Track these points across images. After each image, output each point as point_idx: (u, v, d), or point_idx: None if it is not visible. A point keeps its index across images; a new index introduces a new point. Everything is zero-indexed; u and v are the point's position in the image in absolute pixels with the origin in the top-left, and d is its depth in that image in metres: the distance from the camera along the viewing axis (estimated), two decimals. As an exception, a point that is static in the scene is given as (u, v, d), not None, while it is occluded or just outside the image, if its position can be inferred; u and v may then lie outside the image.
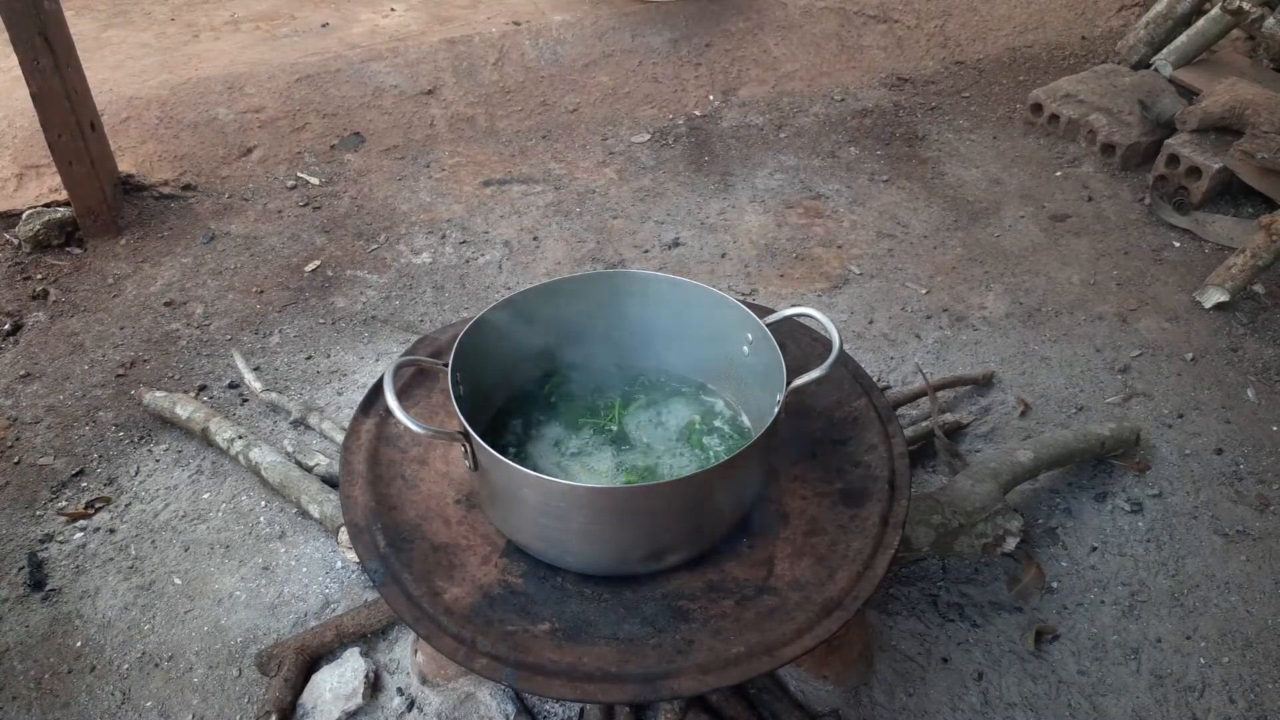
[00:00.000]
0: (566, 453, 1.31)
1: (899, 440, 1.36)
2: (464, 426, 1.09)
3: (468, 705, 1.39)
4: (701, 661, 1.07)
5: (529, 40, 3.59)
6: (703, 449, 1.33)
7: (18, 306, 2.27)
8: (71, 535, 1.72)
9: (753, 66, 3.50)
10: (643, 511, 1.13)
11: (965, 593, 1.61)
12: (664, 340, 1.41)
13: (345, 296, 2.34)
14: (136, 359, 2.14)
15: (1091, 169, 2.90)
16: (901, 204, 2.73)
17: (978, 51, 3.63)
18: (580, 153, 2.99)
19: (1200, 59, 3.23)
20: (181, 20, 3.82)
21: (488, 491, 1.21)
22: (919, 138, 3.08)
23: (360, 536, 1.21)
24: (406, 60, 3.45)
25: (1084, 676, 1.50)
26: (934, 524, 1.54)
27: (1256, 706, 1.47)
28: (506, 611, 1.14)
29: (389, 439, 1.36)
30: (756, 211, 2.69)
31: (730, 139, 3.07)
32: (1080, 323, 2.28)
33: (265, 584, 1.62)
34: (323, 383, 2.07)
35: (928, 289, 2.38)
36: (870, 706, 1.43)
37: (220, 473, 1.83)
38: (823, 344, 1.39)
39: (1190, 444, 1.93)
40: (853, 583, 1.16)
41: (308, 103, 3.20)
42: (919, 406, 1.93)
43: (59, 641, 1.53)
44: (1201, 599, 1.63)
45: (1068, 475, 1.85)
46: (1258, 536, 1.74)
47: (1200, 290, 2.35)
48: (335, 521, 1.60)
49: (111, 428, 1.94)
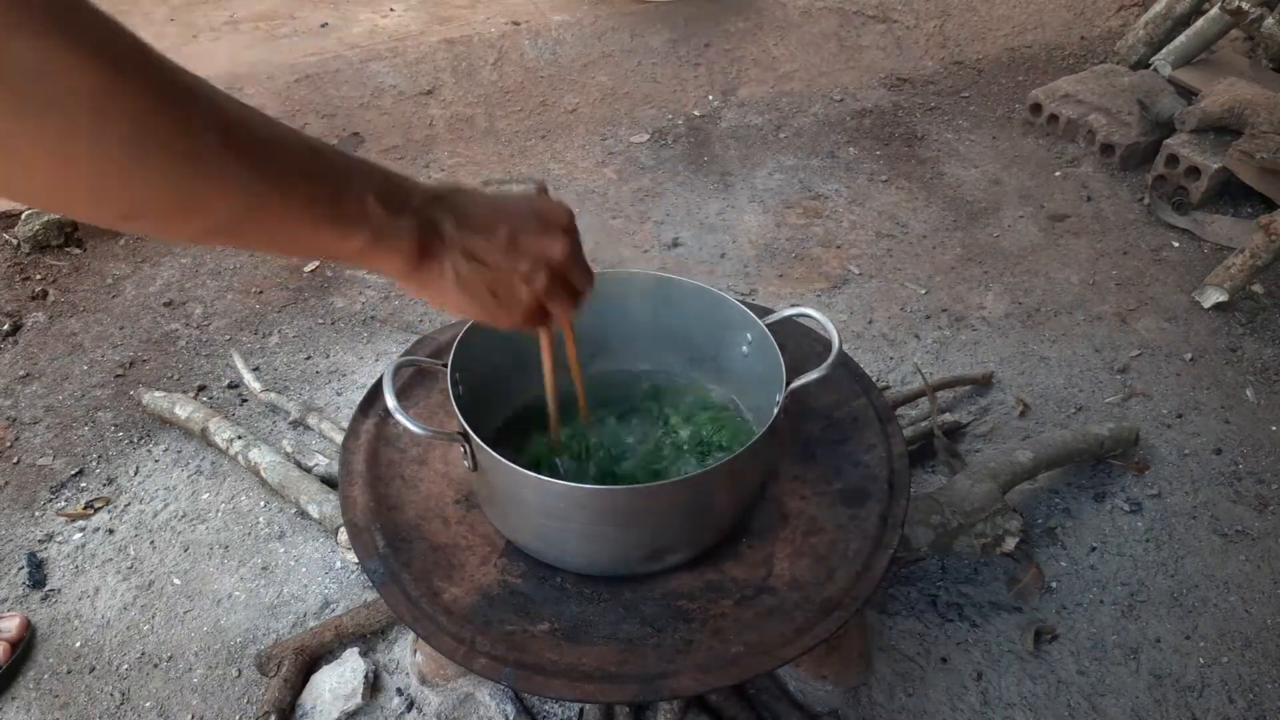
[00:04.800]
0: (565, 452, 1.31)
1: (898, 440, 1.36)
2: (463, 427, 1.09)
3: (467, 705, 1.39)
4: (701, 661, 1.07)
5: (528, 40, 3.60)
6: (702, 449, 1.33)
7: (17, 307, 2.27)
8: (71, 535, 1.72)
9: (752, 66, 3.51)
10: (642, 512, 1.13)
11: (964, 593, 1.61)
12: (663, 340, 1.41)
13: (344, 297, 2.34)
14: (136, 359, 2.14)
15: (1091, 169, 2.90)
16: (901, 204, 2.73)
17: (977, 51, 3.63)
18: (579, 153, 2.99)
19: (1199, 59, 3.23)
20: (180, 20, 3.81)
21: (487, 492, 1.21)
22: (918, 138, 3.08)
23: (359, 536, 1.21)
24: (406, 60, 3.45)
25: (1083, 676, 1.50)
26: (933, 524, 1.54)
27: (1256, 706, 1.47)
28: (506, 611, 1.14)
29: (388, 439, 1.36)
30: (756, 211, 2.69)
31: (729, 139, 3.07)
32: (1079, 323, 2.28)
33: (265, 584, 1.62)
34: (322, 383, 2.07)
35: (927, 289, 2.39)
36: (869, 706, 1.43)
37: (219, 473, 1.83)
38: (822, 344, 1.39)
39: (1189, 444, 1.93)
40: (852, 583, 1.16)
41: (307, 103, 3.20)
42: (918, 406, 1.93)
43: (58, 641, 1.53)
44: (1201, 599, 1.63)
45: (1067, 475, 1.85)
46: (1257, 536, 1.74)
47: (1199, 290, 2.35)
48: (335, 522, 1.60)
49: (111, 428, 1.94)
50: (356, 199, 0.65)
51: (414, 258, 0.72)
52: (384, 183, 0.68)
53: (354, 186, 0.65)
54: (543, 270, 0.80)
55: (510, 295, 0.80)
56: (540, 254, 0.79)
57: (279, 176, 0.59)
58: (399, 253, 0.71)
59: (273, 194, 0.59)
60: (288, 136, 0.61)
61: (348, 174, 0.65)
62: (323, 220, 0.63)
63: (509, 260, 0.77)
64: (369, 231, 0.67)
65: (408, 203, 0.71)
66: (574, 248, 0.82)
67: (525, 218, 0.79)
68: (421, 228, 0.71)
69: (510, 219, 0.78)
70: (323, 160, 0.63)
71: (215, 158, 0.55)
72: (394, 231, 0.69)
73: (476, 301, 0.78)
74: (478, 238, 0.76)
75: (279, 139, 0.60)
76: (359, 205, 0.66)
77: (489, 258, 0.76)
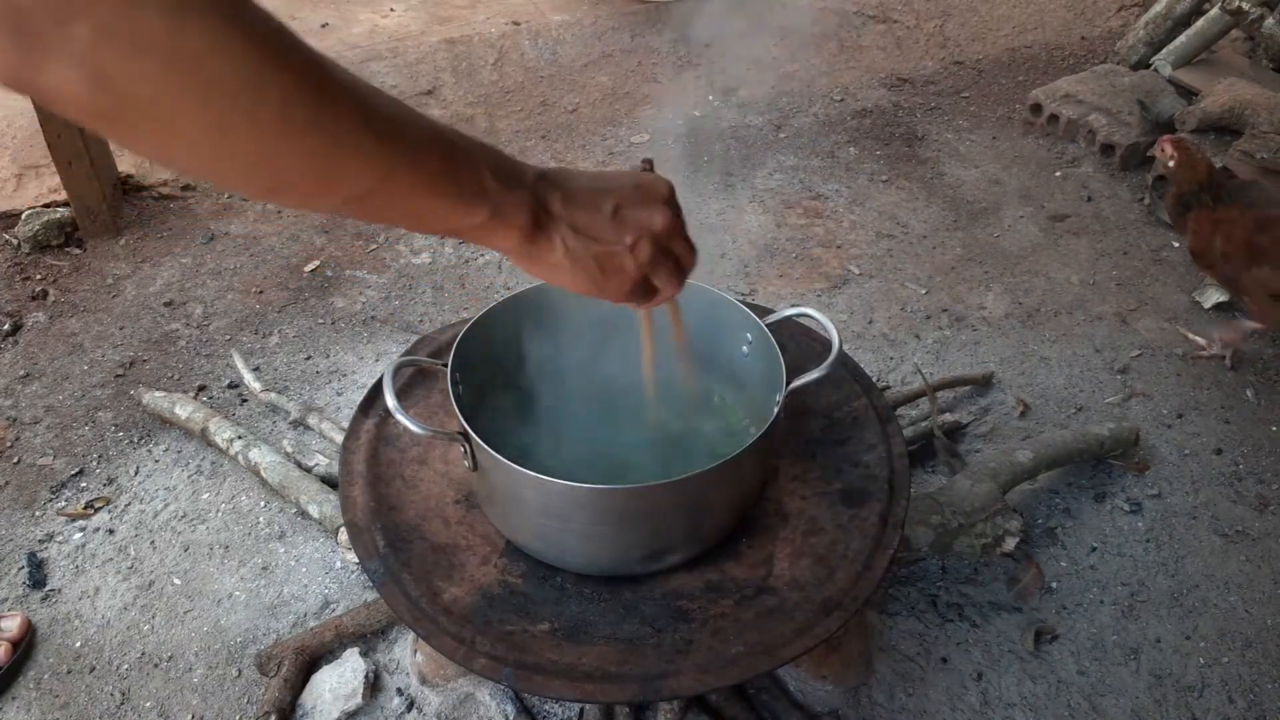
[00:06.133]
0: (565, 453, 1.31)
1: (898, 440, 1.36)
2: (463, 427, 1.09)
3: (467, 705, 1.39)
4: (701, 661, 1.07)
5: (528, 40, 3.60)
6: (702, 449, 1.33)
7: (17, 307, 2.27)
8: (71, 535, 1.72)
9: (752, 66, 3.50)
10: (643, 511, 1.13)
11: (965, 593, 1.61)
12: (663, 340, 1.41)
13: (345, 297, 2.34)
14: (136, 359, 2.14)
15: (1091, 169, 2.90)
16: (901, 204, 2.73)
17: (977, 52, 3.63)
18: (580, 153, 2.99)
19: (1200, 59, 3.23)
20: (181, 20, 3.81)
21: (487, 491, 1.21)
22: (918, 138, 3.08)
23: (360, 536, 1.21)
24: (406, 60, 3.45)
25: (1083, 676, 1.50)
26: (933, 524, 1.54)
27: (1256, 706, 1.47)
28: (506, 611, 1.14)
29: (388, 439, 1.36)
30: (756, 211, 2.69)
31: (729, 139, 3.07)
32: (1080, 323, 2.28)
33: (265, 584, 1.62)
34: (322, 383, 2.07)
35: (927, 289, 2.38)
36: (870, 706, 1.43)
37: (220, 473, 1.83)
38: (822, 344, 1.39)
39: (1189, 444, 1.93)
40: (852, 582, 1.16)
41: (307, 103, 3.20)
42: (918, 406, 1.93)
43: (58, 641, 1.53)
44: (1201, 599, 1.63)
45: (1067, 475, 1.85)
46: (1257, 536, 1.74)
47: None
48: (335, 522, 1.60)
49: (111, 428, 1.94)
50: (475, 175, 0.69)
51: (528, 232, 0.75)
52: (498, 160, 0.72)
53: (473, 163, 0.69)
54: (647, 241, 0.82)
55: (617, 267, 0.82)
56: (644, 226, 0.81)
57: (409, 153, 0.64)
58: (515, 227, 0.74)
59: (403, 168, 0.63)
60: (413, 117, 0.65)
61: (468, 151, 0.69)
62: (446, 194, 0.68)
63: (615, 233, 0.80)
64: (488, 206, 0.71)
65: (521, 179, 0.74)
66: (676, 219, 0.84)
67: (628, 191, 0.81)
68: (534, 203, 0.75)
69: (614, 193, 0.80)
70: (444, 139, 0.67)
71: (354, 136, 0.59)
72: (510, 206, 0.72)
73: (585, 275, 0.81)
74: (583, 212, 0.78)
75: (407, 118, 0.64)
76: (478, 181, 0.70)
77: (595, 231, 0.79)
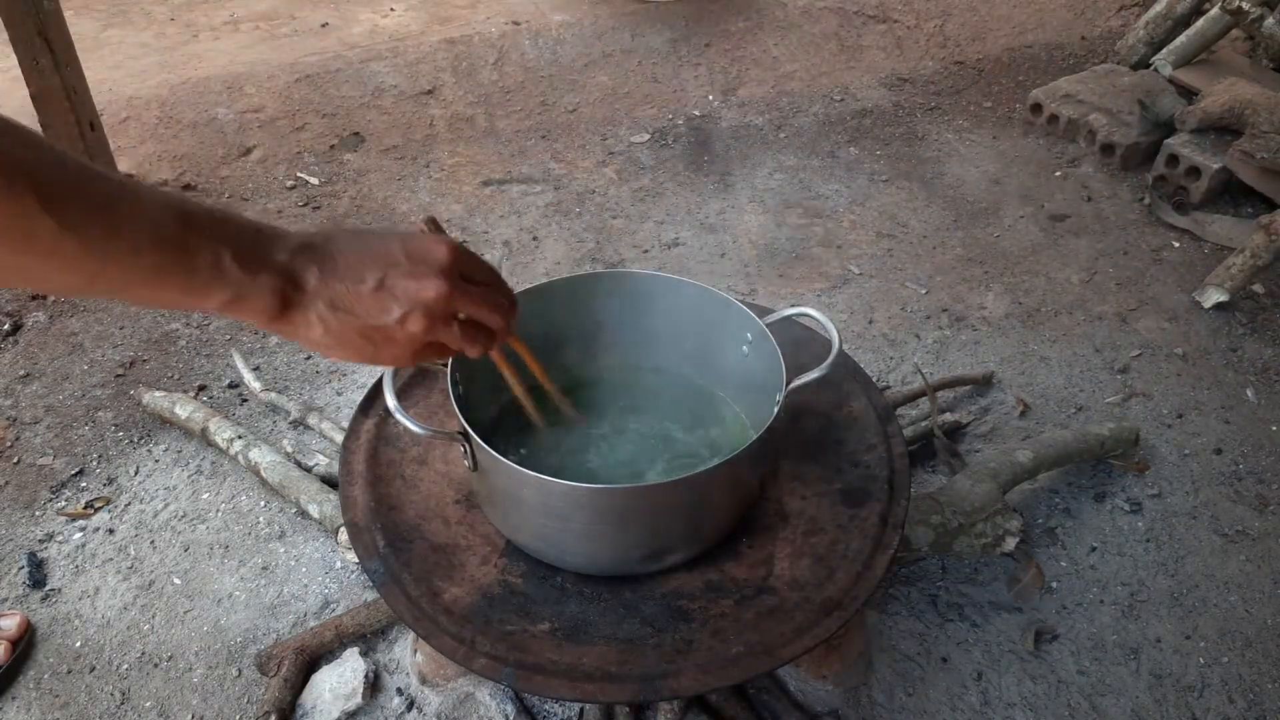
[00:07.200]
0: (565, 453, 1.31)
1: (898, 440, 1.36)
2: (463, 426, 1.09)
3: (467, 705, 1.39)
4: (701, 661, 1.07)
5: (529, 40, 3.60)
6: (702, 449, 1.33)
7: (17, 307, 2.27)
8: (71, 535, 1.72)
9: (752, 66, 3.51)
10: (643, 511, 1.13)
11: (965, 593, 1.61)
12: (663, 340, 1.41)
13: (345, 296, 2.34)
14: (136, 359, 2.14)
15: (1091, 169, 2.90)
16: (901, 204, 2.73)
17: (977, 52, 3.63)
18: (580, 153, 2.99)
19: (1200, 59, 3.23)
20: (181, 20, 3.82)
21: (487, 491, 1.21)
22: (919, 138, 3.08)
23: (360, 536, 1.21)
24: (406, 60, 3.46)
25: (1083, 676, 1.50)
26: (933, 524, 1.54)
27: (1256, 706, 1.47)
28: (506, 611, 1.14)
29: (389, 439, 1.36)
30: (756, 211, 2.69)
31: (729, 139, 3.07)
32: (1080, 323, 2.28)
33: (265, 584, 1.63)
34: (322, 383, 2.07)
35: (927, 289, 2.39)
36: (869, 706, 1.43)
37: (220, 473, 1.83)
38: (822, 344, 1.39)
39: (1190, 444, 1.93)
40: (852, 582, 1.16)
41: (307, 103, 3.20)
42: (918, 406, 1.93)
43: (58, 641, 1.53)
44: (1201, 599, 1.63)
45: (1067, 475, 1.85)
46: (1257, 536, 1.74)
47: (1200, 290, 2.35)
48: (335, 521, 1.60)
49: (111, 428, 1.94)
50: (211, 262, 0.69)
51: (275, 312, 0.74)
52: (247, 240, 0.72)
53: (211, 249, 0.69)
54: (419, 314, 0.79)
55: (387, 338, 0.80)
56: (412, 299, 0.78)
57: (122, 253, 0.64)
58: (259, 309, 0.74)
59: (111, 269, 0.64)
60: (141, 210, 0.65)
61: (209, 236, 0.69)
62: (172, 285, 0.68)
63: (377, 306, 0.77)
64: (228, 290, 0.71)
65: (268, 259, 0.73)
66: (451, 287, 0.80)
67: (396, 259, 0.78)
68: (282, 283, 0.74)
69: (378, 263, 0.77)
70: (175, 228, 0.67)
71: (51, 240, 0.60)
72: (252, 289, 0.72)
73: (350, 348, 0.80)
74: (343, 284, 0.76)
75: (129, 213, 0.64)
76: (215, 266, 0.69)
77: (356, 306, 0.77)
